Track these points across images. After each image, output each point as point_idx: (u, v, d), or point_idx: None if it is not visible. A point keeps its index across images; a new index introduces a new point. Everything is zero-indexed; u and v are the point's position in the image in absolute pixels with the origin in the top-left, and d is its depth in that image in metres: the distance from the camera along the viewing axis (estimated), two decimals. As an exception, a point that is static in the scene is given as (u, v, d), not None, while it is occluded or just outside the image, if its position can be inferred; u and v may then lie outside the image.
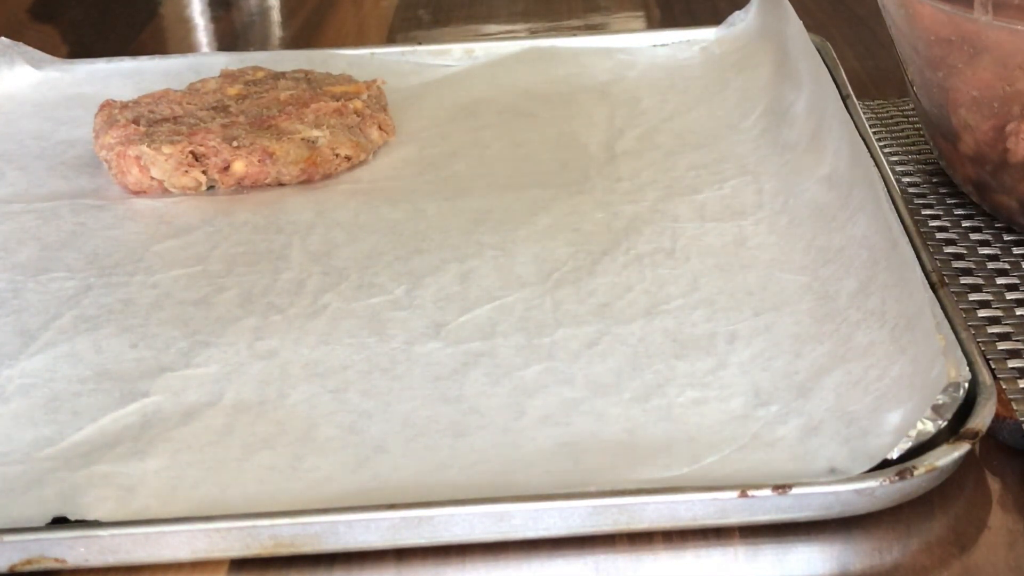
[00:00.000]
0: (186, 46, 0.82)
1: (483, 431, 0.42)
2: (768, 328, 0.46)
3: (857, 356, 0.43)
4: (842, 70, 0.62)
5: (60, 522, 0.38)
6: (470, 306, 0.48)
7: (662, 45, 0.70)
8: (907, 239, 0.45)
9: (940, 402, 0.38)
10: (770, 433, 0.41)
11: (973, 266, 0.50)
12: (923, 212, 0.54)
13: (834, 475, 0.38)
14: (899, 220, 0.46)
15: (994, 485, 0.40)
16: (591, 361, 0.45)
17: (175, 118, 0.60)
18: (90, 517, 0.38)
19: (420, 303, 0.48)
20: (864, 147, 0.51)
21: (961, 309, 0.46)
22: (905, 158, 0.59)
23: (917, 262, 0.44)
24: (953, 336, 0.40)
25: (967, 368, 0.39)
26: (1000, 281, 0.49)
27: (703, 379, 0.43)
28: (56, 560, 0.37)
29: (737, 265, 0.50)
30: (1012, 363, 0.44)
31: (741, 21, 0.69)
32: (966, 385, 0.39)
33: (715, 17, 0.71)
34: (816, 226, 0.50)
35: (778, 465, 0.39)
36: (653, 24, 0.81)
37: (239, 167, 0.57)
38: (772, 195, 0.54)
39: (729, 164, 0.57)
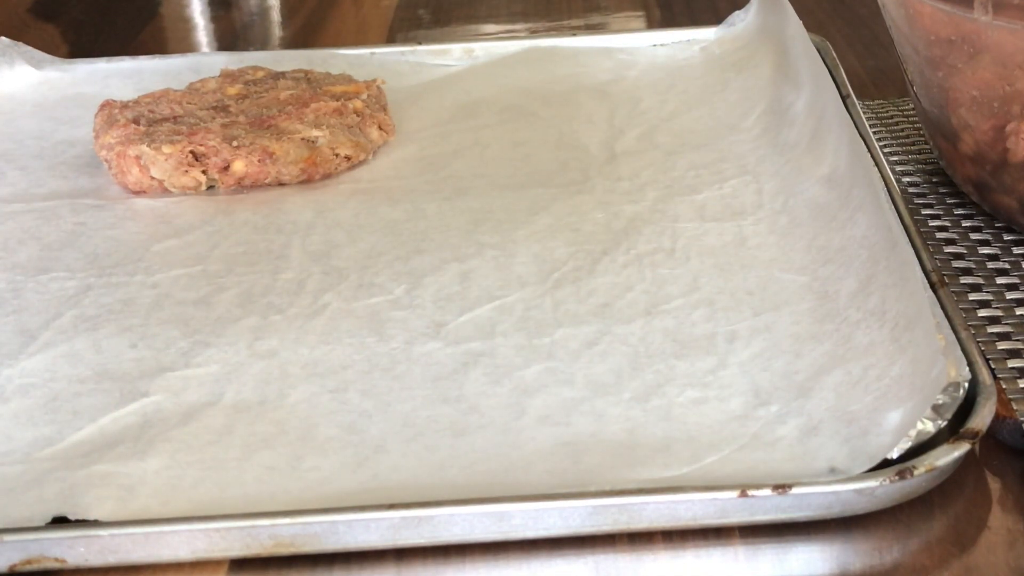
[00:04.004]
0: (186, 46, 0.82)
1: (483, 431, 0.42)
2: (768, 328, 0.46)
3: (857, 356, 0.43)
4: (842, 70, 0.62)
5: (60, 522, 0.38)
6: (470, 306, 0.48)
7: (662, 45, 0.70)
8: (907, 239, 0.45)
9: (940, 402, 0.38)
10: (770, 433, 0.41)
11: (973, 266, 0.50)
12: (923, 212, 0.54)
13: (834, 475, 0.38)
14: (899, 220, 0.46)
15: (994, 485, 0.40)
16: (591, 361, 0.45)
17: (175, 118, 0.60)
18: (90, 517, 0.38)
19: (420, 303, 0.48)
20: (864, 147, 0.51)
21: (961, 309, 0.46)
22: (905, 158, 0.59)
23: (917, 262, 0.44)
24: (953, 336, 0.40)
25: (967, 368, 0.39)
26: (1000, 281, 0.49)
27: (703, 379, 0.43)
28: (56, 560, 0.37)
29: (737, 265, 0.50)
30: (1012, 363, 0.44)
31: (741, 21, 0.69)
32: (966, 385, 0.39)
33: (715, 17, 0.71)
34: (816, 226, 0.51)
35: (778, 465, 0.39)
36: (653, 24, 0.81)
37: (239, 167, 0.57)
38: (772, 195, 0.54)
39: (729, 164, 0.57)
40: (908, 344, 0.41)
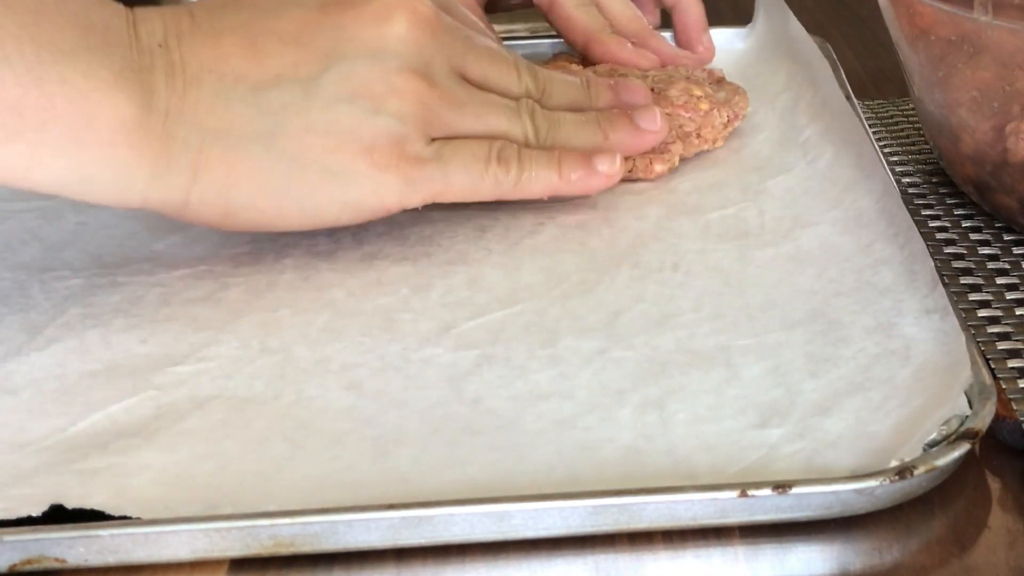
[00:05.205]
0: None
1: (500, 432, 0.41)
2: (780, 346, 0.45)
3: (876, 385, 0.43)
4: (842, 70, 0.62)
5: (63, 520, 0.38)
6: (479, 311, 0.48)
7: None
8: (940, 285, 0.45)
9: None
10: (789, 445, 0.40)
11: (973, 266, 0.50)
12: (923, 212, 0.54)
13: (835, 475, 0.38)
14: (931, 264, 0.46)
15: (994, 485, 0.40)
16: (602, 368, 0.44)
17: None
18: (98, 508, 0.38)
19: (428, 306, 0.48)
20: (893, 182, 0.50)
21: (961, 309, 0.46)
22: (905, 158, 0.59)
23: (952, 311, 0.43)
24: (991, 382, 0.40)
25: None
26: (1000, 281, 0.49)
27: (717, 389, 0.43)
28: (56, 560, 0.37)
29: (745, 284, 0.49)
30: (1012, 363, 0.44)
31: (746, 39, 0.68)
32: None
33: (716, 18, 0.71)
34: (827, 256, 0.50)
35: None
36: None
37: (240, 167, 0.57)
38: (777, 220, 0.53)
39: (733, 187, 0.56)
40: (933, 385, 0.41)
